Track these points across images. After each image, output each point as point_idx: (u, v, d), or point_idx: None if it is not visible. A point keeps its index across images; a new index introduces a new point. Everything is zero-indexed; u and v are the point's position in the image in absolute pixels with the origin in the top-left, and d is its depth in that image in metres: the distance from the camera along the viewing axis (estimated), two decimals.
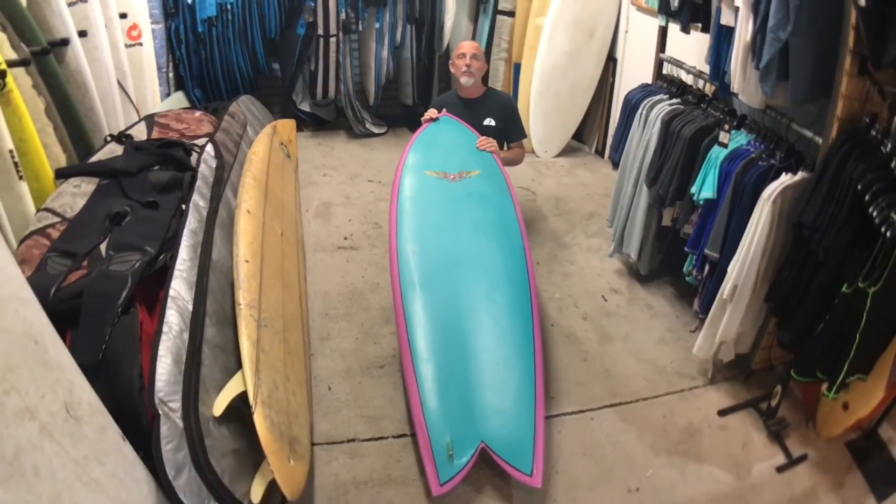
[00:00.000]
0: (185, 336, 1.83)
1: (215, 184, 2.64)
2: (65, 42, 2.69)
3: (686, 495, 2.06)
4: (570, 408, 2.37)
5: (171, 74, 4.28)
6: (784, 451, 2.20)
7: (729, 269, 2.23)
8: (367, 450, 2.18)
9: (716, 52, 2.49)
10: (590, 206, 3.98)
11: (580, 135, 4.95)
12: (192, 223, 2.27)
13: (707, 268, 2.45)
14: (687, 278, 2.63)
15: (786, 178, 2.08)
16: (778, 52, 2.05)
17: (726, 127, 2.41)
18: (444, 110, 3.29)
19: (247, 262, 2.22)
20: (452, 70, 3.34)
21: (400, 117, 5.10)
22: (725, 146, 2.38)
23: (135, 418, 1.60)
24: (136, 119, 3.30)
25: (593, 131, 4.82)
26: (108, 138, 2.77)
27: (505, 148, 3.41)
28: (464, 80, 3.27)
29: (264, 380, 1.86)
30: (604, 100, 4.62)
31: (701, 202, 2.43)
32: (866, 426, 2.13)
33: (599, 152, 4.74)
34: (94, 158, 2.60)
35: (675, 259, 2.82)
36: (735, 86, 2.29)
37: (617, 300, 3.03)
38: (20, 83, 2.27)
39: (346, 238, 3.49)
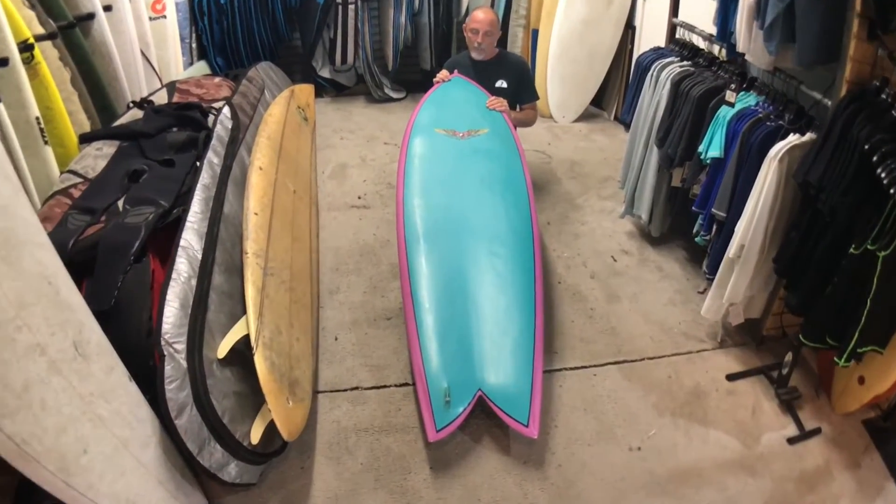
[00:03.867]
0: (194, 282, 1.88)
1: (230, 142, 2.70)
2: (90, 16, 2.83)
3: (690, 458, 2.04)
4: (572, 363, 2.39)
5: (193, 45, 4.41)
6: (796, 422, 2.15)
7: (736, 228, 2.20)
8: (369, 397, 2.23)
9: (723, 13, 2.44)
10: (605, 171, 3.94)
11: (599, 101, 4.89)
12: (206, 179, 2.33)
13: (715, 228, 2.43)
14: (696, 239, 2.60)
15: (793, 138, 2.04)
16: (783, 13, 1.99)
17: (732, 86, 2.36)
18: (456, 71, 3.29)
19: (256, 214, 2.26)
20: (465, 35, 3.31)
21: (419, 83, 5.08)
22: (732, 105, 2.33)
23: (144, 360, 1.66)
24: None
25: (612, 98, 4.76)
26: (131, 104, 2.88)
27: (517, 110, 3.39)
28: (475, 54, 3.28)
29: (267, 324, 1.90)
30: (623, 67, 4.55)
31: (708, 161, 2.40)
32: (885, 405, 2.10)
33: (618, 118, 4.67)
34: (116, 123, 2.69)
35: (686, 221, 2.79)
36: (740, 45, 2.24)
37: (627, 261, 3.02)
38: (47, 55, 2.42)
39: (359, 197, 3.53)
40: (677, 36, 3.13)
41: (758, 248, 2.17)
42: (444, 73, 3.30)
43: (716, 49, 2.81)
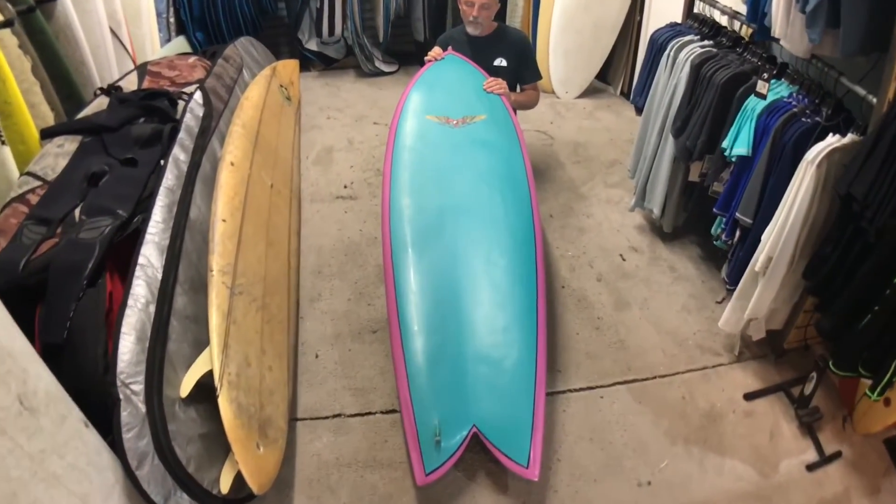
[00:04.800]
0: (152, 309, 1.70)
1: (200, 134, 2.47)
2: None
3: (703, 492, 1.86)
4: (577, 383, 2.17)
5: (171, 20, 4.15)
6: (816, 446, 1.98)
7: (763, 237, 1.96)
8: (352, 426, 2.03)
9: None
10: (612, 153, 3.67)
11: (605, 75, 4.60)
12: (170, 180, 2.12)
13: (738, 233, 2.18)
14: (715, 242, 2.37)
15: (833, 140, 1.78)
16: None
17: (765, 76, 2.08)
18: (449, 48, 2.99)
19: (224, 221, 2.04)
20: (460, 8, 2.99)
21: (412, 54, 4.78)
22: (764, 97, 2.07)
23: (102, 400, 1.48)
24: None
25: (619, 72, 4.45)
26: (98, 91, 2.67)
27: (517, 90, 3.11)
28: (470, 29, 2.97)
29: (233, 357, 1.71)
30: (630, 39, 4.24)
31: (733, 159, 2.15)
32: None
33: (625, 94, 4.39)
34: (82, 113, 2.50)
35: (702, 217, 2.56)
36: (777, 30, 1.95)
37: (636, 260, 2.78)
38: (5, 44, 2.24)
39: (345, 187, 3.27)
40: (696, 10, 2.83)
41: (787, 261, 1.94)
42: (436, 51, 3.00)
43: (737, 26, 2.53)
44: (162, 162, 2.20)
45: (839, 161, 1.79)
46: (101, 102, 2.55)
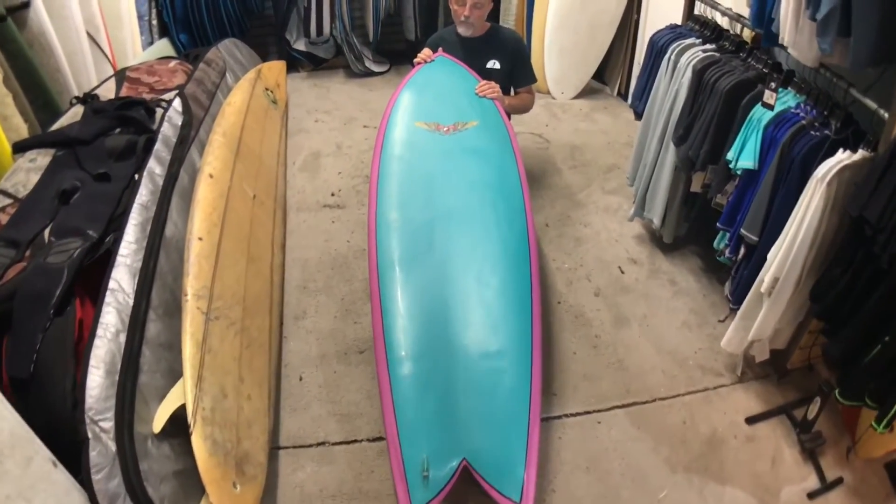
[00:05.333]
0: (123, 338, 1.60)
1: (178, 144, 2.38)
2: (25, 5, 2.49)
3: None
4: (574, 407, 2.08)
5: (153, 22, 3.96)
6: (818, 472, 1.90)
7: (769, 256, 1.86)
8: (337, 455, 1.93)
9: None
10: (609, 158, 3.56)
11: (601, 75, 4.48)
12: (144, 196, 2.02)
13: (743, 250, 2.08)
14: (718, 258, 2.27)
15: (843, 156, 1.68)
16: (840, 1, 1.61)
17: (773, 85, 1.97)
18: (440, 50, 2.87)
19: (200, 239, 1.95)
20: (451, 8, 2.87)
21: (402, 53, 4.65)
22: (771, 108, 1.96)
23: (70, 437, 1.40)
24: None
25: (616, 71, 4.34)
26: (74, 100, 2.57)
27: (511, 94, 3.00)
28: (461, 29, 2.84)
29: (208, 389, 1.62)
30: (628, 38, 4.12)
31: (738, 172, 2.04)
32: None
33: (622, 94, 4.28)
34: (57, 124, 2.40)
35: (704, 227, 2.46)
36: (785, 37, 1.84)
37: (636, 273, 2.68)
38: None
39: (333, 194, 3.16)
40: (696, 11, 2.71)
41: (793, 282, 1.84)
42: (426, 52, 2.87)
43: (738, 28, 2.43)
44: (136, 176, 2.09)
45: (850, 179, 1.69)
46: (78, 112, 2.45)
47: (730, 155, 2.07)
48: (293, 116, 3.85)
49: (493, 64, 2.89)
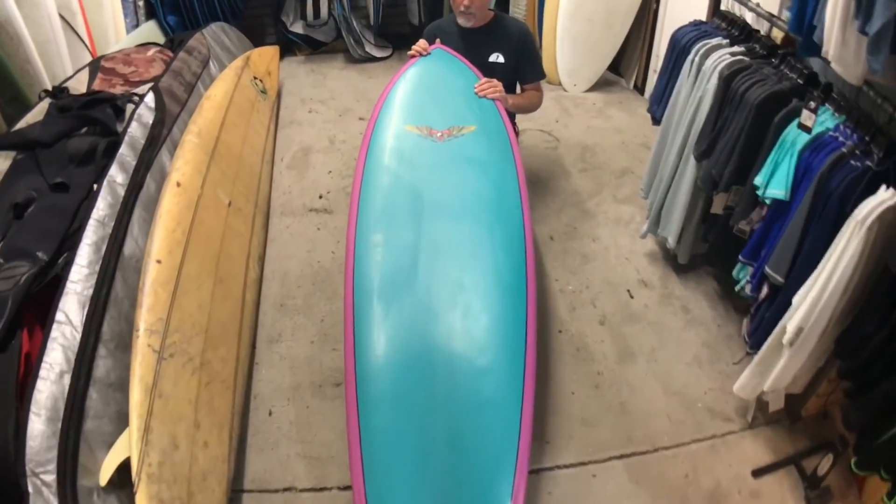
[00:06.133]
0: (67, 380, 1.45)
1: (147, 147, 2.18)
2: None
3: None
4: (568, 458, 1.87)
5: (139, 2, 3.70)
6: None
7: (794, 301, 1.63)
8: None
9: None
10: (623, 160, 3.31)
11: (617, 66, 4.22)
12: (102, 210, 1.84)
13: (766, 290, 1.85)
14: (737, 291, 2.04)
15: (886, 195, 1.43)
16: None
17: (812, 105, 1.72)
18: (437, 41, 2.60)
19: (159, 262, 1.76)
20: None
21: (406, 38, 4.37)
22: (809, 131, 1.71)
23: (14, 489, 1.29)
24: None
25: (632, 63, 4.06)
26: (43, 94, 2.36)
27: (517, 90, 2.73)
28: (461, 20, 2.56)
29: (156, 442, 1.47)
30: (646, 28, 3.86)
31: (767, 200, 1.80)
32: None
33: (639, 88, 4.02)
34: (23, 121, 2.22)
35: (724, 247, 2.21)
36: (830, 51, 1.57)
37: (646, 297, 2.45)
38: None
39: (321, 196, 2.94)
40: (723, 7, 2.44)
41: (819, 333, 1.61)
42: (421, 45, 2.58)
43: (766, 26, 2.17)
44: (95, 186, 1.89)
45: (893, 222, 1.45)
46: (45, 107, 2.24)
47: (758, 180, 1.82)
48: (286, 106, 3.62)
49: (497, 58, 2.62)
